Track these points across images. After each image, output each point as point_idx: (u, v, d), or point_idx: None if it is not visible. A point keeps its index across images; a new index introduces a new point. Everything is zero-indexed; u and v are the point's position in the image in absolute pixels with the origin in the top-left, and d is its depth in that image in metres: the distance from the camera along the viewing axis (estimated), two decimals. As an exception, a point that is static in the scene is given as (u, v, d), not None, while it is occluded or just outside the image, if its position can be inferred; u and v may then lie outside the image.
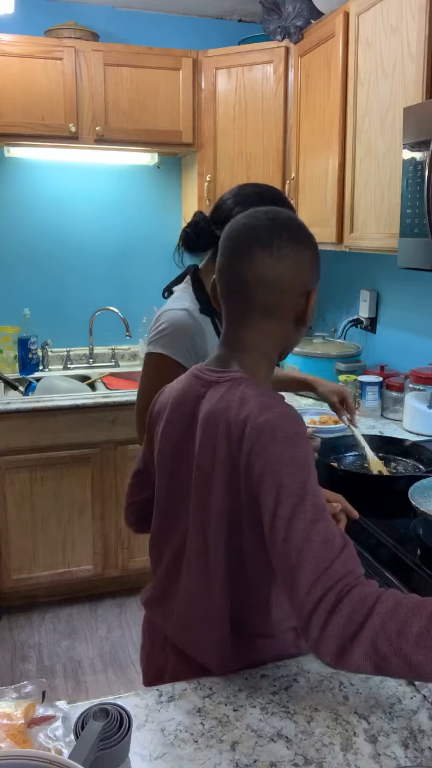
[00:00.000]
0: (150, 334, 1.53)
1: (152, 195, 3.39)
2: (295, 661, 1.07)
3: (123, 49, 2.86)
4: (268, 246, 0.98)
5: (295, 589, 0.85)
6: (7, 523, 2.77)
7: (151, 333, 1.53)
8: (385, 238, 2.07)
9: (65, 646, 2.67)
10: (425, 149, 1.66)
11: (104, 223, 3.33)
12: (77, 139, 2.85)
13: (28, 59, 2.73)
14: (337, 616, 0.82)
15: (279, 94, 2.81)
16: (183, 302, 1.53)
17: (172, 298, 1.58)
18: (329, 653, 0.82)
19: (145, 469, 1.23)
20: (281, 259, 0.99)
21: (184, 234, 1.57)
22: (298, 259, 1.00)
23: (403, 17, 1.90)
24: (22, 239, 3.21)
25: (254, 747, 0.88)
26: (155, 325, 1.53)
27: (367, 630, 0.81)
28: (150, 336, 1.53)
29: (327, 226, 2.44)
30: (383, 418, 2.46)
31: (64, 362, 3.34)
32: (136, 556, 2.97)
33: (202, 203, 3.04)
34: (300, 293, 1.02)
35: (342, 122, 2.32)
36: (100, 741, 0.78)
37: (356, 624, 0.81)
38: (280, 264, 0.99)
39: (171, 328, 1.48)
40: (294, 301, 1.01)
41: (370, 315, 2.82)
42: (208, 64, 2.92)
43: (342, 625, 0.81)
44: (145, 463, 1.23)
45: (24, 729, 0.83)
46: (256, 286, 0.99)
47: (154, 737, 0.90)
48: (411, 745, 0.89)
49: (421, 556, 1.41)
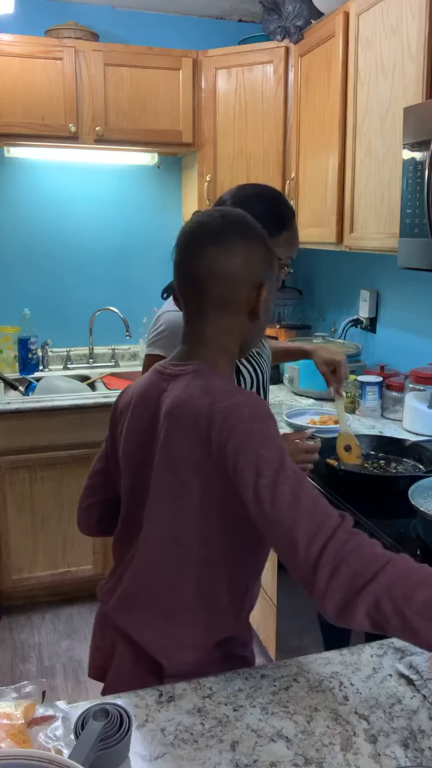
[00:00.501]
0: (149, 336, 1.54)
1: (152, 195, 3.39)
2: (295, 661, 1.07)
3: (123, 49, 2.86)
4: (219, 241, 1.03)
5: (295, 547, 0.86)
6: (7, 523, 2.77)
7: (150, 334, 1.54)
8: (385, 238, 2.07)
9: (65, 646, 2.67)
10: (425, 149, 1.66)
11: (104, 223, 3.33)
12: (77, 139, 2.85)
13: (28, 59, 2.74)
14: (344, 568, 0.84)
15: (279, 94, 2.81)
16: None
17: (170, 300, 1.58)
18: (333, 605, 0.84)
19: (107, 470, 1.23)
20: (232, 253, 1.03)
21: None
22: (248, 253, 1.04)
23: (403, 17, 1.90)
24: (22, 239, 3.21)
25: (254, 747, 0.88)
26: (154, 326, 1.54)
27: (375, 586, 0.82)
28: (149, 337, 1.53)
29: (327, 226, 2.44)
30: (383, 418, 2.46)
31: (64, 362, 3.34)
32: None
33: (202, 203, 3.04)
34: (251, 287, 1.05)
35: (342, 122, 2.32)
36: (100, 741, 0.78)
37: (364, 579, 0.83)
38: (230, 258, 1.02)
39: (169, 330, 1.49)
40: (247, 295, 1.05)
41: (370, 315, 2.82)
42: (208, 64, 2.92)
43: (350, 578, 0.83)
44: (107, 462, 1.23)
45: (24, 729, 0.83)
46: (209, 280, 1.03)
47: (154, 737, 0.90)
48: (411, 745, 0.89)
49: (421, 556, 1.41)
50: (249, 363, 1.57)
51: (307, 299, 3.43)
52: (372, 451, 1.98)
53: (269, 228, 1.51)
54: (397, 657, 1.07)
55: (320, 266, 3.28)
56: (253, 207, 1.51)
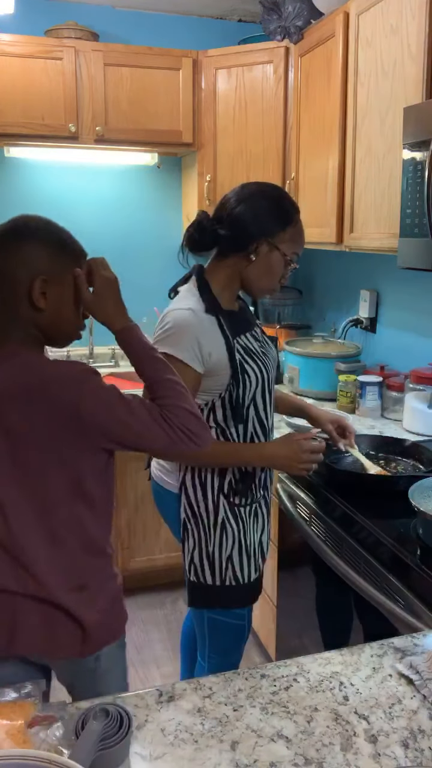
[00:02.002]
0: (155, 334, 1.53)
1: (152, 195, 3.39)
2: (295, 661, 1.07)
3: (123, 49, 2.86)
4: (4, 244, 1.16)
5: (151, 433, 1.14)
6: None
7: (156, 332, 1.53)
8: (385, 238, 2.07)
9: (65, 646, 2.67)
10: (425, 149, 1.66)
11: (104, 224, 3.33)
12: (77, 139, 2.85)
13: (28, 59, 2.73)
14: (173, 416, 1.15)
15: (279, 94, 2.81)
16: (188, 302, 1.52)
17: (177, 298, 1.58)
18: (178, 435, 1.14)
19: None
20: (9, 254, 1.15)
21: (187, 234, 1.57)
22: (23, 255, 1.15)
23: (403, 17, 1.90)
24: (22, 239, 3.21)
25: (254, 747, 0.88)
26: (160, 324, 1.53)
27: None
28: (155, 336, 1.52)
29: (327, 226, 2.44)
30: (383, 418, 2.46)
31: (64, 362, 3.33)
32: (136, 556, 2.97)
33: (202, 203, 3.04)
34: (23, 283, 1.15)
35: (342, 122, 2.32)
36: (100, 741, 0.78)
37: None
38: (8, 260, 1.14)
39: (176, 328, 1.48)
40: (22, 291, 1.15)
41: (370, 315, 2.82)
42: (208, 64, 2.92)
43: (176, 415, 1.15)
44: None
45: (24, 729, 0.83)
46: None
47: (154, 737, 0.90)
48: (411, 745, 0.89)
49: (421, 556, 1.41)
50: (254, 362, 1.56)
51: (307, 299, 3.43)
52: (372, 451, 1.98)
53: (273, 225, 1.52)
54: (397, 657, 1.07)
55: (320, 266, 3.28)
56: (257, 204, 1.52)
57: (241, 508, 1.61)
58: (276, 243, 1.53)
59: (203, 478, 1.58)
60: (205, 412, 1.55)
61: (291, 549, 2.07)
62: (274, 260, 1.55)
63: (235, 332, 1.55)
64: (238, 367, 1.51)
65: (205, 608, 1.66)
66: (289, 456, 1.52)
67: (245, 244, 1.52)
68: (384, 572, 1.45)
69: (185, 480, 1.60)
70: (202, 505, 1.59)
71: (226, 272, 1.57)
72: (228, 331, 1.52)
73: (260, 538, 1.68)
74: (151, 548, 2.97)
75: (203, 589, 1.63)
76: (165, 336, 1.49)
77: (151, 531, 2.96)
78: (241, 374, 1.52)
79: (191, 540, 1.62)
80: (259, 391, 1.57)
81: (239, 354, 1.53)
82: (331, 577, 1.64)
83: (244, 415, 1.56)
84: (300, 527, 1.87)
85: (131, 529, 2.93)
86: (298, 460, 1.52)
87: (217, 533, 1.59)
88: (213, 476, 1.58)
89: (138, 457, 2.83)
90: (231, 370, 1.51)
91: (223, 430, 1.56)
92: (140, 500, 2.92)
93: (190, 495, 1.60)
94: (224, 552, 1.60)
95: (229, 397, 1.53)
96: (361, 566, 1.54)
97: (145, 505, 2.93)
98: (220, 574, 1.61)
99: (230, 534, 1.60)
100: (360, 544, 1.57)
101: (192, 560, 1.62)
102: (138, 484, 2.90)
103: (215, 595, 1.63)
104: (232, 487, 1.58)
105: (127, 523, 2.92)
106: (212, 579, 1.61)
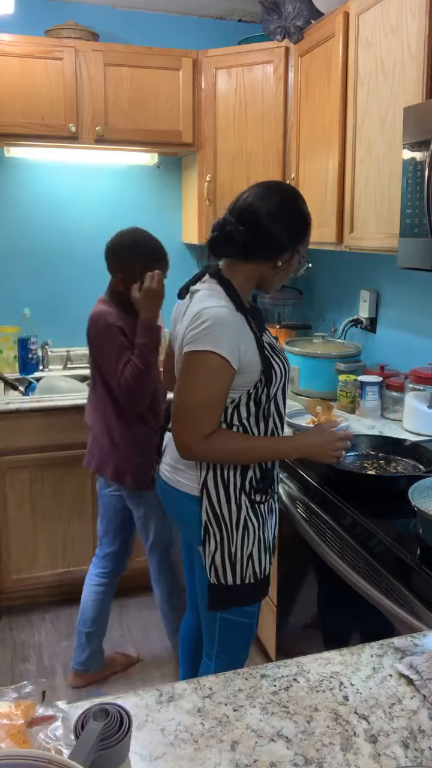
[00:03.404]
0: (190, 333, 1.47)
1: (152, 195, 3.39)
2: (295, 661, 1.07)
3: (123, 49, 2.86)
4: None
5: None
6: (7, 523, 2.77)
7: (192, 331, 1.47)
8: (385, 238, 2.07)
9: (65, 646, 2.67)
10: (425, 149, 1.66)
11: (104, 224, 3.31)
12: (77, 139, 2.85)
13: (28, 59, 2.73)
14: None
15: (279, 94, 2.81)
16: (219, 300, 1.50)
17: (202, 297, 1.53)
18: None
19: None
20: None
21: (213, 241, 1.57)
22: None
23: (403, 17, 1.90)
24: (22, 239, 3.21)
25: (254, 747, 0.88)
26: (196, 322, 1.46)
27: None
28: (191, 334, 1.47)
29: (327, 226, 2.44)
30: (383, 418, 2.46)
31: (64, 362, 3.34)
32: (136, 556, 2.96)
33: (202, 203, 3.04)
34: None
35: (342, 122, 2.32)
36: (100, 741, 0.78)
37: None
38: None
39: (216, 326, 1.44)
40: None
41: (370, 315, 2.82)
42: (208, 64, 2.92)
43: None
44: None
45: (24, 729, 0.83)
46: None
47: (154, 737, 0.90)
48: (411, 745, 0.89)
49: (421, 556, 1.41)
50: (279, 358, 1.60)
51: (307, 299, 3.43)
52: (372, 451, 1.98)
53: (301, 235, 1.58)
54: (397, 657, 1.07)
55: (320, 266, 3.28)
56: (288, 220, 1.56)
57: (262, 505, 1.62)
58: (299, 248, 1.59)
59: (226, 477, 1.57)
60: (230, 410, 1.55)
61: (291, 549, 2.07)
62: (294, 262, 1.60)
63: (259, 329, 1.57)
64: (268, 363, 1.54)
65: (225, 609, 1.65)
66: (324, 444, 1.60)
67: (277, 255, 1.55)
68: (384, 572, 1.45)
69: (207, 481, 1.58)
70: (225, 506, 1.58)
71: (246, 273, 1.57)
72: (255, 328, 1.54)
73: (274, 532, 1.70)
74: (151, 548, 2.97)
75: (224, 591, 1.62)
76: (205, 334, 1.44)
77: (151, 531, 2.96)
78: (269, 368, 1.54)
79: (213, 542, 1.60)
80: (280, 388, 1.60)
81: (267, 350, 1.55)
82: (331, 577, 1.64)
83: (269, 411, 1.59)
84: (300, 527, 1.87)
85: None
86: (333, 448, 1.60)
87: (239, 532, 1.59)
88: (236, 475, 1.57)
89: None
90: (262, 366, 1.52)
91: (246, 428, 1.57)
92: (140, 500, 2.92)
93: (212, 496, 1.58)
94: (246, 550, 1.60)
95: (256, 394, 1.55)
96: (361, 566, 1.54)
97: (145, 505, 2.93)
98: (241, 572, 1.61)
99: (251, 532, 1.60)
100: (360, 544, 1.57)
101: (213, 562, 1.60)
102: (138, 484, 2.90)
103: (236, 594, 1.63)
104: (253, 485, 1.59)
105: (127, 523, 2.92)
106: (233, 579, 1.61)
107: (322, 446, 1.60)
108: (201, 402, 1.48)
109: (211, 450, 1.52)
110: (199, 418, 1.49)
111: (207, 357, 1.45)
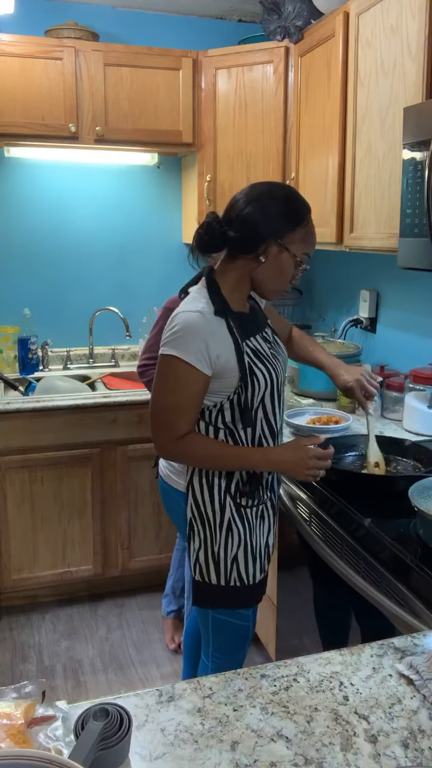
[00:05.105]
0: (164, 336, 1.51)
1: (152, 195, 3.39)
2: (295, 661, 1.07)
3: (123, 49, 2.86)
4: None
5: None
6: (7, 523, 2.77)
7: (165, 334, 1.51)
8: (385, 238, 2.07)
9: (65, 646, 2.67)
10: (425, 149, 1.66)
11: (104, 224, 3.33)
12: (77, 139, 2.85)
13: (28, 59, 2.73)
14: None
15: (279, 94, 2.81)
16: (197, 304, 1.50)
17: (186, 300, 1.55)
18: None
19: None
20: None
21: (196, 235, 1.56)
22: None
23: (403, 17, 1.90)
24: (22, 239, 3.21)
25: (254, 747, 0.88)
26: (169, 326, 1.51)
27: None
28: (164, 337, 1.51)
29: (327, 226, 2.44)
30: (383, 418, 2.46)
31: (64, 362, 3.34)
32: (136, 556, 2.97)
33: (202, 203, 3.04)
34: None
35: (342, 122, 2.32)
36: (100, 741, 0.78)
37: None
38: None
39: (183, 331, 1.46)
40: None
41: (370, 315, 2.82)
42: (208, 64, 2.92)
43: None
44: None
45: (24, 729, 0.83)
46: None
47: (154, 737, 0.90)
48: (411, 745, 0.89)
49: (421, 556, 1.41)
50: (263, 365, 1.54)
51: (307, 299, 3.43)
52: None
53: (283, 225, 1.51)
54: (397, 657, 1.07)
55: (320, 266, 3.28)
56: (266, 205, 1.51)
57: (248, 509, 1.60)
58: (286, 244, 1.50)
59: (210, 479, 1.58)
60: (214, 413, 1.55)
61: (291, 549, 2.07)
62: (284, 261, 1.52)
63: (245, 334, 1.53)
64: (246, 369, 1.50)
65: (210, 608, 1.66)
66: (296, 461, 1.51)
67: (254, 245, 1.50)
68: (384, 572, 1.45)
69: (192, 480, 1.60)
70: (209, 506, 1.59)
71: (236, 274, 1.55)
72: (237, 333, 1.50)
73: (266, 541, 1.67)
74: (151, 548, 2.98)
75: (208, 589, 1.63)
76: (173, 338, 1.48)
77: (151, 531, 2.96)
78: (250, 377, 1.51)
79: (197, 540, 1.62)
80: (267, 394, 1.56)
81: (248, 357, 1.52)
82: (331, 577, 1.64)
83: (253, 418, 1.55)
84: (300, 527, 1.87)
85: (131, 529, 2.93)
86: (305, 466, 1.51)
87: (222, 534, 1.59)
88: (220, 478, 1.57)
89: (138, 457, 2.84)
90: (240, 373, 1.49)
91: (232, 432, 1.56)
92: (140, 500, 2.92)
93: (197, 495, 1.60)
94: (230, 552, 1.60)
95: (238, 400, 1.52)
96: (361, 566, 1.54)
97: (145, 505, 2.93)
98: (225, 574, 1.61)
99: (236, 535, 1.60)
100: (360, 544, 1.57)
101: (197, 560, 1.62)
102: (138, 485, 2.90)
103: (219, 595, 1.63)
104: (239, 488, 1.58)
105: (127, 523, 2.92)
106: (217, 579, 1.61)
107: (294, 463, 1.52)
108: (171, 405, 1.50)
109: (182, 453, 1.54)
110: (170, 420, 1.50)
111: (173, 362, 1.46)
